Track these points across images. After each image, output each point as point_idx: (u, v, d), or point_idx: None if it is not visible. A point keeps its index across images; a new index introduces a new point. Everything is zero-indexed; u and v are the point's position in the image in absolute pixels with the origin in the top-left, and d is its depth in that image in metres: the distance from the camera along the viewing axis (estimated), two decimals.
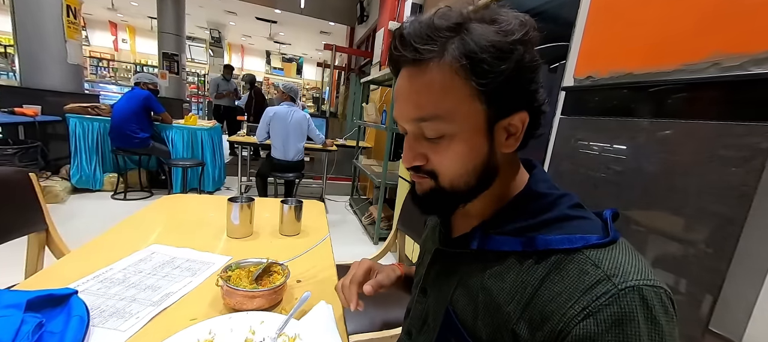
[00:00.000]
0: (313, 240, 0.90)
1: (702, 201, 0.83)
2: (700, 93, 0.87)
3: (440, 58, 0.32)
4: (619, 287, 0.29)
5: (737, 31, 0.79)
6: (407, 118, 0.36)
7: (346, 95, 6.40)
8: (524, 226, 0.37)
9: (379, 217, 2.52)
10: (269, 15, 7.01)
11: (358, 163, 3.27)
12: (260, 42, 10.06)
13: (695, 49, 0.87)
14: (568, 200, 0.37)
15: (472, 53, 0.31)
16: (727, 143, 0.80)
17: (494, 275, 0.37)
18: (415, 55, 0.33)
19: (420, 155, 0.37)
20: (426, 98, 0.34)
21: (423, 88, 0.34)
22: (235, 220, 0.87)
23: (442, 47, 0.32)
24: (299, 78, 11.65)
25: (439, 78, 0.33)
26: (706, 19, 0.85)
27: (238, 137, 3.33)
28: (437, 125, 0.34)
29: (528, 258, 0.35)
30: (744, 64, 0.79)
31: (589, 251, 0.32)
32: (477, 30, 0.32)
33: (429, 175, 0.37)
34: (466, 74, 0.32)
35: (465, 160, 0.35)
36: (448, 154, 0.35)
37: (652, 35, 0.98)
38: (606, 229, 0.34)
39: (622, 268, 0.30)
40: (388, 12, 3.62)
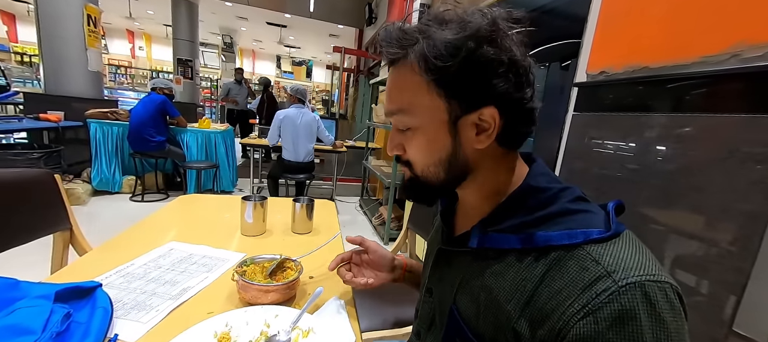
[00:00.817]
0: (325, 238, 0.91)
1: (723, 198, 0.80)
2: (720, 86, 0.84)
3: (405, 59, 0.36)
4: (619, 284, 0.28)
5: (759, 21, 0.77)
6: (386, 112, 0.41)
7: (356, 97, 6.44)
8: (523, 222, 0.36)
9: (389, 218, 2.52)
10: (279, 19, 7.12)
11: (367, 164, 3.29)
12: (271, 46, 10.24)
13: (714, 40, 0.85)
14: (569, 194, 0.37)
15: (427, 51, 0.34)
16: (750, 138, 0.77)
17: (494, 273, 0.37)
18: (387, 58, 0.38)
19: (397, 145, 0.41)
20: (393, 94, 0.39)
21: (392, 85, 0.39)
22: (248, 219, 0.89)
23: (406, 49, 0.36)
24: (309, 81, 11.79)
25: (401, 76, 0.37)
26: (724, 8, 0.82)
27: (250, 140, 3.40)
28: (402, 118, 0.39)
29: (527, 255, 0.35)
30: (766, 55, 0.76)
31: (590, 246, 0.31)
32: (436, 32, 0.34)
33: (406, 166, 0.42)
34: (421, 71, 0.35)
35: (429, 151, 0.38)
36: (414, 145, 0.39)
37: (669, 27, 0.95)
38: (609, 222, 0.33)
39: (623, 264, 0.29)
40: (396, 13, 3.63)
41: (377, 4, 5.15)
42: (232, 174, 3.55)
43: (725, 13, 0.82)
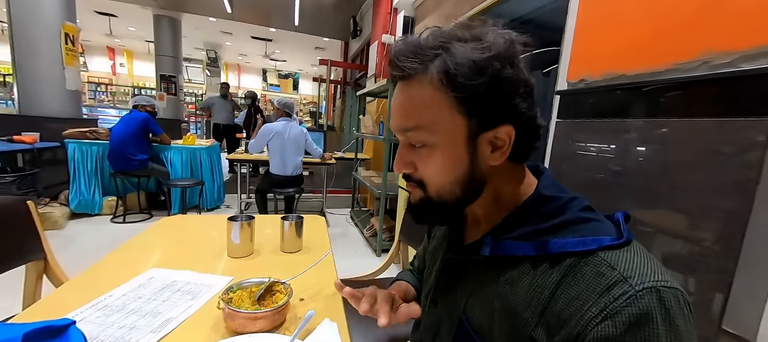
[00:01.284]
0: (316, 256, 0.89)
1: (704, 198, 0.83)
2: (693, 91, 0.87)
3: (424, 74, 0.35)
4: (636, 289, 0.28)
5: (727, 30, 0.81)
6: (396, 128, 0.39)
7: (343, 108, 6.44)
8: (536, 230, 0.37)
9: (380, 229, 2.50)
10: (264, 34, 7.12)
11: (357, 175, 3.27)
12: (256, 60, 10.20)
13: (686, 48, 0.88)
14: (578, 203, 0.37)
15: (450, 68, 0.34)
16: (724, 139, 0.80)
17: (508, 281, 0.37)
18: (401, 72, 0.36)
19: (408, 163, 0.39)
20: (410, 109, 0.37)
21: (407, 100, 0.37)
22: (235, 240, 0.86)
23: (426, 64, 0.35)
24: (296, 93, 11.76)
25: (421, 91, 0.36)
26: (695, 18, 0.86)
27: (236, 155, 3.34)
28: (420, 135, 0.37)
29: (542, 262, 0.35)
30: (735, 61, 0.80)
31: (603, 253, 0.32)
32: (458, 48, 0.34)
33: (418, 185, 0.40)
34: (445, 88, 0.34)
35: (446, 169, 0.37)
36: (431, 163, 0.38)
37: (643, 36, 0.99)
38: (619, 230, 0.34)
39: (638, 270, 0.30)
40: (380, 26, 3.68)
41: (362, 17, 5.22)
42: (219, 190, 3.47)
43: (695, 22, 0.86)
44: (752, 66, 0.76)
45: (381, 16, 3.71)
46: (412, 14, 3.46)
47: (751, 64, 0.76)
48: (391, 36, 3.56)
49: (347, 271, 1.05)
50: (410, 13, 3.45)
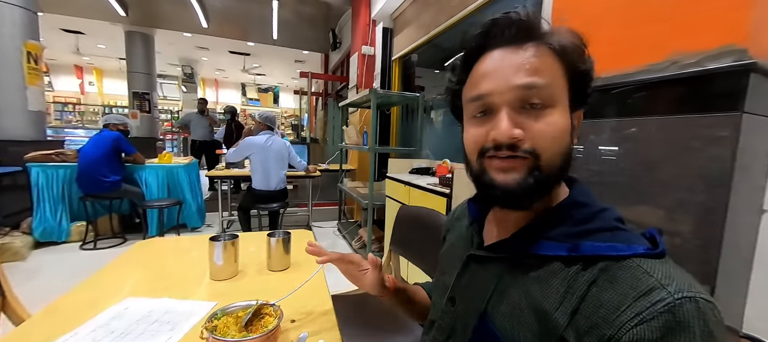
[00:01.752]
0: (305, 273, 0.85)
1: (682, 193, 0.85)
2: (665, 90, 0.91)
3: (544, 40, 0.36)
4: (675, 296, 0.27)
5: (692, 32, 0.85)
6: (513, 85, 0.35)
7: (325, 120, 6.40)
8: (570, 232, 0.36)
9: (369, 240, 2.46)
10: (242, 48, 7.03)
11: (343, 187, 3.23)
12: (235, 74, 10.03)
13: (656, 50, 0.92)
14: (610, 213, 0.37)
15: (566, 43, 0.36)
16: (696, 135, 0.83)
17: (538, 280, 0.36)
18: (526, 31, 0.36)
19: (519, 128, 0.35)
20: (539, 67, 0.35)
21: (534, 58, 0.35)
22: (218, 261, 0.81)
23: (545, 33, 0.36)
24: (276, 107, 11.62)
25: (545, 54, 0.36)
26: (663, 21, 0.91)
27: (217, 171, 3.22)
28: (547, 92, 0.35)
29: (575, 263, 0.34)
30: (701, 61, 0.84)
31: (639, 260, 0.31)
32: (562, 30, 0.37)
33: (529, 155, 0.35)
34: (563, 58, 0.36)
35: (563, 135, 0.36)
36: (551, 125, 0.35)
37: (615, 40, 1.03)
38: (653, 243, 0.33)
39: (675, 279, 0.29)
40: (360, 37, 3.71)
41: (340, 29, 5.25)
42: (199, 209, 3.33)
43: (664, 25, 0.91)
44: (716, 65, 0.80)
45: (360, 28, 3.75)
46: (390, 26, 3.51)
47: (715, 62, 0.81)
48: (370, 47, 3.59)
49: (338, 285, 1.01)
50: (389, 25, 3.51)
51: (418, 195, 1.83)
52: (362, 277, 0.59)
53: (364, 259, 0.61)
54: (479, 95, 0.37)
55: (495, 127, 0.35)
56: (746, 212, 0.84)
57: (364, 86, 3.63)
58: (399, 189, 2.10)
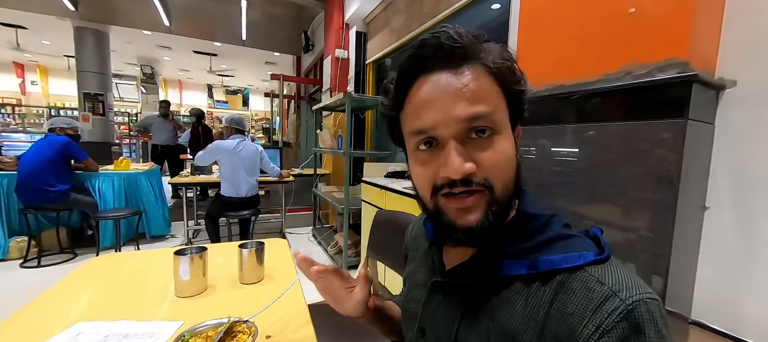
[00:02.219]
0: (280, 285, 0.82)
1: (637, 192, 0.92)
2: (620, 97, 0.98)
3: (480, 60, 0.35)
4: (627, 302, 0.29)
5: (643, 44, 0.92)
6: (457, 117, 0.33)
7: (298, 124, 6.27)
8: (525, 248, 0.36)
9: (345, 245, 2.43)
10: (209, 48, 6.72)
11: (317, 191, 3.17)
12: (200, 75, 9.54)
13: (612, 60, 0.99)
14: (558, 220, 0.38)
15: (499, 62, 0.35)
16: (648, 139, 0.90)
17: (502, 303, 0.36)
18: (461, 54, 0.34)
19: (470, 161, 0.33)
20: (480, 94, 0.34)
21: (473, 83, 0.34)
22: (184, 276, 0.76)
23: (480, 53, 0.35)
24: (246, 109, 11.21)
25: (482, 76, 0.34)
26: (619, 34, 0.98)
27: (181, 178, 3.04)
28: (492, 118, 0.34)
29: (534, 280, 0.35)
30: (651, 72, 0.92)
31: (590, 268, 0.33)
32: (492, 48, 0.36)
33: (483, 187, 0.33)
34: (497, 77, 0.35)
35: (512, 159, 0.35)
36: (500, 152, 0.34)
37: (576, 51, 1.10)
38: (598, 246, 0.35)
39: (624, 283, 0.31)
40: (333, 40, 3.68)
41: (313, 32, 5.18)
42: (162, 219, 3.12)
43: (619, 38, 0.98)
44: (664, 76, 0.88)
45: (333, 31, 3.71)
46: (364, 29, 3.52)
47: (664, 73, 0.88)
48: (344, 50, 3.57)
49: (314, 294, 0.98)
50: (362, 29, 3.51)
51: (395, 199, 1.83)
52: (347, 297, 0.52)
53: (352, 277, 0.55)
54: (422, 129, 0.35)
55: (445, 165, 0.33)
56: (692, 210, 0.92)
57: (338, 90, 3.60)
58: (375, 193, 2.09)
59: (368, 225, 2.27)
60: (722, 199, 0.92)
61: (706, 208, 0.95)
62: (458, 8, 2.13)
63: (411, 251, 0.57)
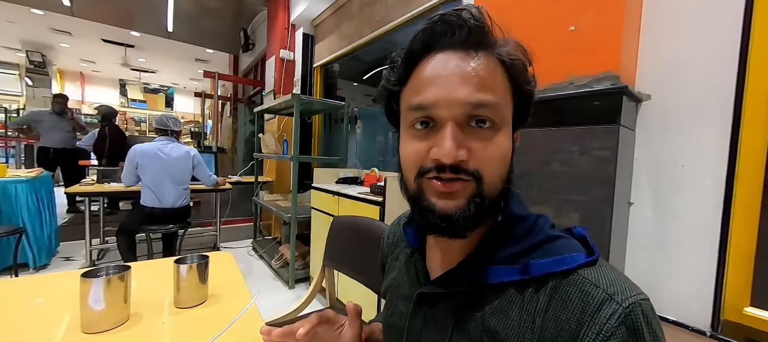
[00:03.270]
0: (229, 307, 0.69)
1: (581, 190, 1.02)
2: (564, 104, 1.08)
3: (494, 50, 0.33)
4: (623, 306, 0.29)
5: (583, 59, 1.04)
6: (460, 101, 0.32)
7: (235, 127, 5.75)
8: (516, 252, 0.34)
9: (292, 257, 2.25)
10: (123, 38, 5.80)
11: (259, 200, 2.91)
12: (110, 68, 8.16)
13: (557, 72, 1.10)
14: (544, 221, 0.37)
15: (515, 59, 0.34)
16: (589, 142, 1.01)
17: (496, 312, 0.34)
18: (478, 37, 0.33)
19: (464, 149, 0.32)
20: (489, 82, 0.32)
21: (482, 69, 0.32)
22: (96, 305, 0.58)
23: (495, 42, 0.34)
24: (171, 111, 9.94)
25: (494, 66, 0.33)
26: (562, 49, 1.08)
27: (84, 187, 2.50)
28: (497, 111, 0.33)
29: (527, 286, 0.33)
30: (590, 82, 1.03)
31: (582, 271, 0.32)
32: (510, 42, 0.34)
33: (472, 178, 0.32)
34: (509, 73, 0.34)
35: (506, 158, 0.34)
36: (495, 146, 0.33)
37: None
38: (586, 246, 0.34)
39: (617, 285, 0.30)
40: (277, 41, 3.48)
41: (254, 30, 4.85)
42: (51, 238, 2.52)
43: (563, 52, 1.08)
44: (601, 87, 0.99)
45: (277, 31, 3.52)
46: (311, 32, 3.40)
47: (600, 85, 1.00)
48: (289, 52, 3.40)
49: (260, 312, 0.84)
50: (309, 31, 3.39)
51: (349, 205, 1.76)
52: (337, 339, 0.45)
53: (339, 315, 0.47)
54: (422, 105, 0.33)
55: (438, 146, 0.32)
56: (622, 205, 1.05)
57: (282, 92, 3.40)
58: (327, 200, 1.99)
59: (319, 234, 2.14)
60: (643, 195, 1.07)
61: (631, 203, 1.09)
62: (409, 18, 2.19)
63: (389, 259, 0.52)
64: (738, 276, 0.92)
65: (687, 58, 0.98)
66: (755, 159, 0.89)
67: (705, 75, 0.95)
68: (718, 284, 0.93)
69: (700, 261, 0.95)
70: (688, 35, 0.98)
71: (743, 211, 0.90)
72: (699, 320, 0.95)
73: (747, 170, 0.90)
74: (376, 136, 2.74)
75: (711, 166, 0.93)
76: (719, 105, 0.92)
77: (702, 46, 0.96)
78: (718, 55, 0.93)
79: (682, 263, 0.99)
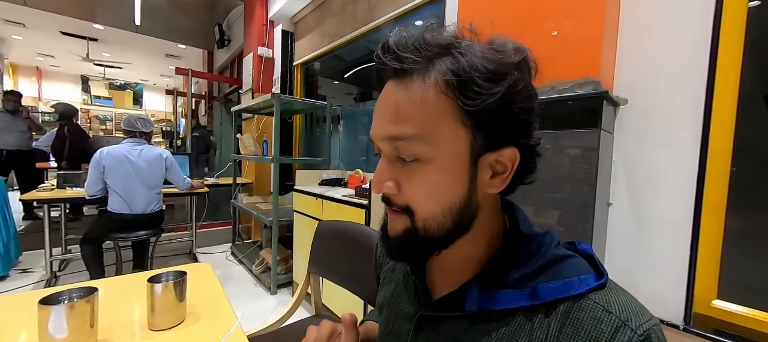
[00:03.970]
0: (210, 326, 0.64)
1: (565, 190, 1.04)
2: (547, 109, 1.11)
3: (427, 73, 0.30)
4: (638, 333, 0.28)
5: (566, 64, 1.06)
6: (382, 135, 0.32)
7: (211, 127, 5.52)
8: (524, 274, 0.33)
9: (274, 262, 2.18)
10: (86, 31, 5.41)
11: (237, 203, 2.80)
12: (71, 63, 7.60)
13: (540, 76, 1.11)
14: (550, 239, 0.35)
15: (462, 70, 0.29)
16: (571, 145, 1.03)
17: (504, 340, 0.32)
18: (398, 66, 0.30)
19: (392, 182, 0.32)
20: (406, 114, 0.30)
21: (403, 102, 0.31)
22: (59, 333, 0.53)
23: (429, 62, 0.30)
24: (139, 109, 9.41)
25: (421, 93, 0.30)
26: (545, 54, 1.10)
27: (40, 193, 2.30)
28: (414, 146, 0.30)
29: (536, 312, 0.31)
30: (571, 88, 1.05)
31: (593, 295, 0.31)
32: (470, 47, 0.30)
33: (404, 212, 0.32)
34: (453, 93, 0.29)
35: (440, 192, 0.31)
36: (423, 182, 0.31)
37: None
38: (594, 266, 0.33)
39: (630, 311, 0.29)
40: (255, 37, 3.36)
41: (230, 26, 4.67)
42: (8, 248, 2.31)
43: (546, 57, 1.10)
44: (582, 91, 1.02)
45: (255, 27, 3.39)
46: (290, 29, 3.31)
47: (581, 89, 1.03)
48: (268, 49, 3.29)
49: (252, 321, 0.79)
50: (288, 28, 3.30)
51: (333, 208, 1.73)
52: None
53: (336, 324, 0.45)
54: (371, 138, 0.34)
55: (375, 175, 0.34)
56: (601, 205, 1.08)
57: (261, 91, 3.29)
58: (310, 202, 1.94)
59: (302, 237, 2.09)
60: (621, 196, 1.11)
61: (610, 204, 1.13)
62: (392, 17, 2.17)
63: (385, 271, 0.50)
64: (707, 271, 0.97)
65: (661, 65, 1.03)
66: (723, 159, 0.94)
67: (677, 82, 1.00)
68: (690, 280, 0.98)
69: (674, 258, 1.00)
70: (661, 44, 1.03)
71: (712, 209, 0.96)
72: (673, 314, 1.00)
73: (715, 171, 0.95)
74: (359, 136, 2.70)
75: (683, 167, 0.98)
76: (691, 110, 0.97)
77: (675, 55, 1.00)
78: (689, 64, 0.97)
79: (658, 260, 1.03)
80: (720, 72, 0.93)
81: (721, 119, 0.94)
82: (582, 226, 1.01)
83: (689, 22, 0.97)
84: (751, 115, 0.92)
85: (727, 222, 0.95)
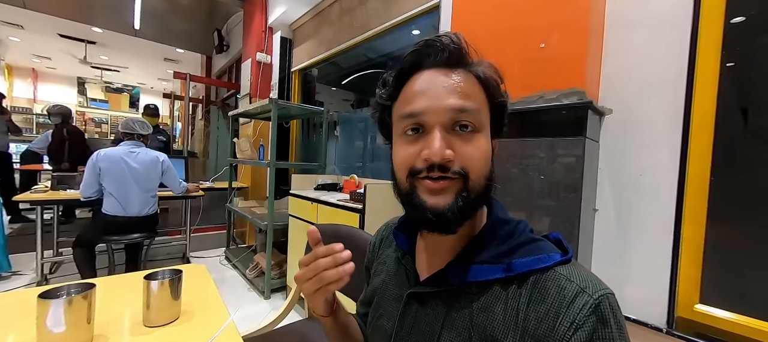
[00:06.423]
0: (204, 324, 0.66)
1: (551, 196, 1.08)
2: (535, 117, 1.14)
3: (471, 68, 0.40)
4: (594, 297, 0.32)
5: (553, 75, 1.10)
6: (445, 108, 0.37)
7: (207, 131, 5.52)
8: (500, 252, 0.38)
9: (268, 266, 2.18)
10: (84, 33, 5.42)
11: (233, 207, 2.80)
12: (68, 66, 7.58)
13: (528, 86, 1.15)
14: (525, 225, 0.41)
15: (488, 75, 0.40)
16: (558, 152, 1.07)
17: (482, 309, 0.37)
18: (457, 57, 0.39)
19: (451, 149, 0.37)
20: (468, 92, 0.38)
21: (463, 82, 0.38)
22: (56, 327, 0.54)
23: (471, 62, 0.40)
24: (136, 112, 9.37)
25: (473, 80, 0.39)
26: (533, 65, 1.14)
27: (32, 195, 2.29)
28: (476, 116, 0.38)
29: (511, 283, 0.36)
30: (558, 97, 1.09)
31: (558, 268, 0.36)
32: (484, 63, 0.40)
33: (458, 176, 0.36)
34: (484, 88, 0.39)
35: (487, 158, 0.38)
36: (477, 148, 0.37)
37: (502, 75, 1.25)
38: (561, 247, 0.38)
39: (588, 280, 0.34)
40: (254, 44, 3.40)
41: (229, 31, 4.71)
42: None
43: (534, 67, 1.14)
44: (569, 101, 1.06)
45: (254, 34, 3.44)
46: (289, 36, 3.35)
47: (568, 99, 1.07)
48: (267, 55, 3.33)
49: (247, 323, 0.80)
50: (287, 35, 3.34)
51: (328, 212, 1.74)
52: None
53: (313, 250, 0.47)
54: (413, 113, 0.38)
55: (428, 147, 0.36)
56: (587, 211, 1.11)
57: (259, 96, 3.32)
58: (305, 207, 1.95)
59: (297, 242, 2.09)
60: (606, 202, 1.14)
61: (596, 210, 1.17)
62: (388, 27, 2.22)
63: (376, 264, 0.54)
64: (689, 276, 1.01)
65: (643, 78, 1.07)
66: (702, 167, 0.98)
67: (659, 93, 1.04)
68: (673, 284, 1.01)
69: (657, 263, 1.03)
70: (644, 57, 1.07)
71: (692, 215, 0.99)
72: (656, 318, 1.02)
73: (695, 179, 0.99)
74: (355, 142, 2.73)
75: (665, 175, 1.02)
76: (671, 120, 1.01)
77: (655, 68, 1.05)
78: (668, 76, 1.02)
79: (642, 265, 1.06)
80: (698, 85, 0.98)
81: (699, 129, 0.98)
82: (569, 229, 1.04)
83: (669, 40, 1.02)
84: (728, 126, 0.96)
85: (708, 228, 0.99)
